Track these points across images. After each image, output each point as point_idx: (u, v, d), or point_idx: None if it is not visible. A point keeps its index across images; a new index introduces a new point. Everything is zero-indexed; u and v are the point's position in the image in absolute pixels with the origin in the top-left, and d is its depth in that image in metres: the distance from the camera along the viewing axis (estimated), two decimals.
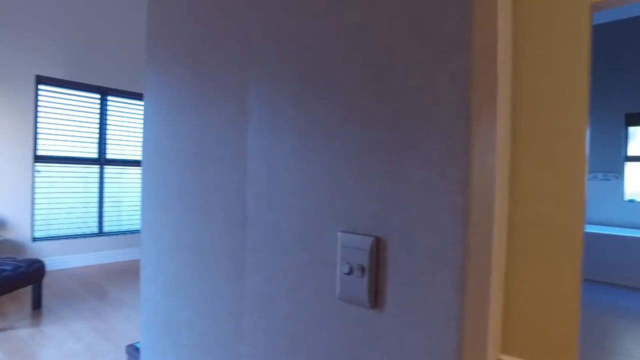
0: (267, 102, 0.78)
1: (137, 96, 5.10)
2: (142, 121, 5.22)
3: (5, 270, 2.92)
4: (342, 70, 0.64)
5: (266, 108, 0.78)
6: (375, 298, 0.58)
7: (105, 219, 4.94)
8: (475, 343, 0.53)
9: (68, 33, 4.47)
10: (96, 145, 4.82)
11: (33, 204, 4.35)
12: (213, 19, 0.98)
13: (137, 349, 1.81)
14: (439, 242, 0.52)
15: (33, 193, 4.35)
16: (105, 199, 4.93)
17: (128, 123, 5.08)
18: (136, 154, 5.18)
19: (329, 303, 0.65)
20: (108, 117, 4.89)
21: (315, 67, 0.68)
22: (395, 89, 0.57)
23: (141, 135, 5.27)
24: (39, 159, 4.39)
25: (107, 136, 4.90)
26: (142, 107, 4.70)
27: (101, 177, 4.87)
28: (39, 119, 4.37)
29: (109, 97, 4.87)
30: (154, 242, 1.34)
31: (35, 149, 4.35)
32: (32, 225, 4.35)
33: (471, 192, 0.50)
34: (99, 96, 4.79)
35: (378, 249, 0.58)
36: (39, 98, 4.36)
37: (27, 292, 3.52)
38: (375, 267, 0.58)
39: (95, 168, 4.83)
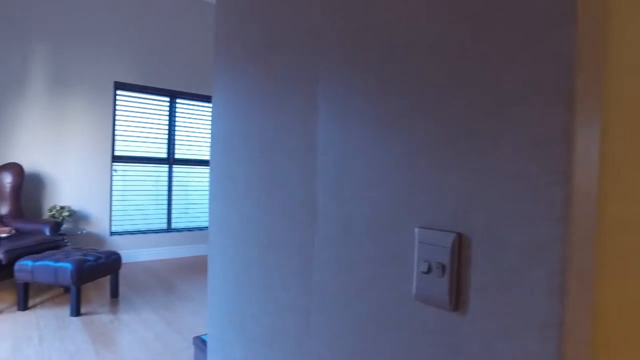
0: (337, 94, 0.76)
1: (204, 98, 5.33)
2: (208, 122, 5.45)
3: (89, 260, 3.16)
4: (416, 55, 0.60)
5: (336, 100, 0.76)
6: (457, 299, 0.54)
7: (173, 216, 5.21)
8: (578, 357, 0.47)
9: (141, 42, 4.77)
10: (165, 146, 5.10)
11: (111, 200, 4.69)
12: (279, 14, 0.98)
13: (203, 341, 1.87)
14: (534, 239, 0.47)
15: (111, 191, 4.68)
16: (174, 197, 5.20)
17: (195, 124, 5.33)
18: (203, 153, 5.42)
19: (404, 303, 0.61)
20: (177, 119, 5.16)
21: (388, 56, 0.65)
22: (482, 71, 0.52)
23: (207, 135, 5.54)
24: (115, 159, 4.72)
25: (176, 137, 5.17)
26: (209, 109, 4.90)
27: (170, 176, 5.15)
28: (116, 122, 4.71)
29: (177, 100, 5.13)
30: (222, 237, 1.37)
31: (113, 150, 4.69)
32: (110, 220, 4.69)
33: (572, 184, 0.44)
34: (168, 99, 5.06)
35: (460, 247, 0.54)
36: (117, 102, 4.69)
37: (105, 281, 3.79)
38: (457, 266, 0.54)
39: (165, 167, 5.11)
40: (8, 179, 3.82)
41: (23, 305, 3.16)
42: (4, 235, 3.44)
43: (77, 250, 3.42)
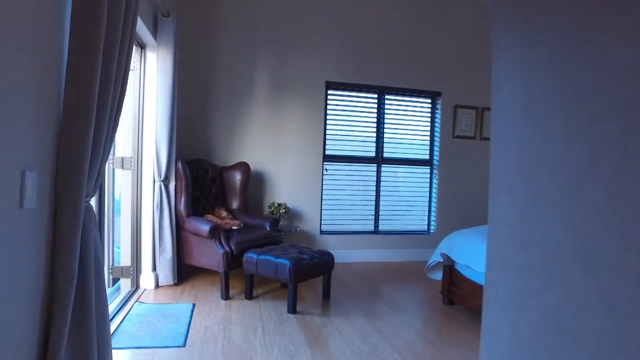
0: None
1: (415, 93, 4.96)
2: (419, 118, 5.04)
3: (305, 259, 3.11)
4: None
5: None
6: None
7: (380, 217, 4.98)
8: None
9: (350, 39, 4.69)
10: (374, 144, 4.91)
11: (321, 199, 4.74)
12: None
13: None
14: None
15: (322, 190, 4.73)
16: (382, 198, 4.97)
17: (405, 121, 5.00)
18: (413, 152, 5.04)
19: None
20: (385, 116, 4.93)
21: None
22: None
23: (418, 132, 5.19)
24: (326, 158, 4.76)
25: (384, 135, 4.94)
26: (420, 104, 4.43)
27: (378, 176, 4.94)
28: (327, 121, 4.74)
29: (386, 96, 4.90)
30: (517, 251, 0.88)
31: (324, 149, 4.74)
32: (320, 219, 4.74)
33: None
34: (376, 95, 4.87)
35: None
36: (328, 102, 4.73)
37: (317, 280, 3.74)
38: None
39: (373, 167, 4.92)
40: (238, 176, 4.18)
41: (249, 295, 3.31)
42: (235, 227, 3.72)
43: (293, 247, 3.44)
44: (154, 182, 3.48)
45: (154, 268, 3.53)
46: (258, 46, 4.47)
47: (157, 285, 3.51)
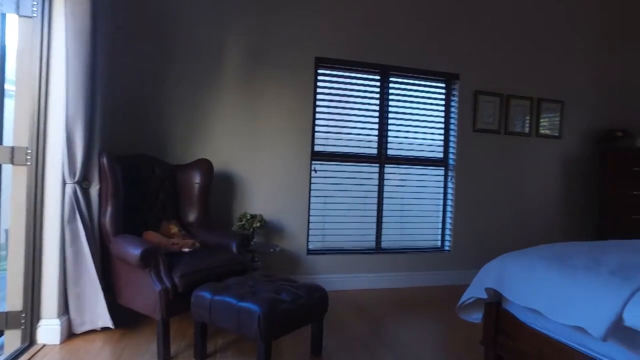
0: None
1: (431, 75, 3.94)
2: (431, 107, 4.01)
3: (284, 301, 2.02)
4: None
5: None
6: None
7: (384, 231, 3.92)
8: None
9: (345, 7, 3.67)
10: (376, 139, 3.87)
11: (309, 208, 3.67)
12: None
13: None
14: None
15: (309, 196, 3.66)
16: (385, 207, 3.92)
17: (413, 109, 3.97)
18: (426, 149, 4.01)
19: None
20: (390, 103, 3.89)
21: None
22: None
23: (430, 126, 4.10)
24: (315, 155, 3.69)
25: (389, 127, 3.90)
26: (431, 89, 3.17)
27: (380, 179, 3.89)
28: (316, 108, 3.69)
29: (390, 78, 3.87)
30: None
31: (313, 144, 3.67)
32: (308, 235, 3.66)
33: None
34: (378, 77, 3.84)
35: None
36: (317, 84, 3.68)
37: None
38: None
39: (374, 168, 3.87)
40: (197, 178, 3.08)
41: (201, 353, 2.21)
42: (187, 249, 2.62)
43: (268, 279, 2.35)
44: (64, 184, 2.37)
45: (65, 310, 2.40)
46: (231, 9, 3.41)
47: (68, 336, 2.38)
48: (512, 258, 2.23)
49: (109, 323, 2.44)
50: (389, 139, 3.90)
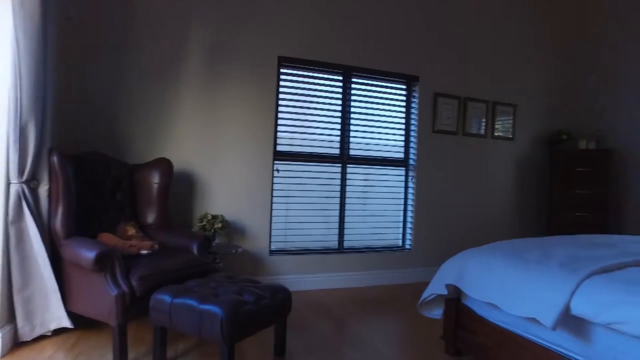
0: None
1: (392, 77, 4.01)
2: (392, 108, 4.09)
3: (247, 302, 1.99)
4: None
5: None
6: None
7: (346, 231, 3.95)
8: None
9: (308, 7, 3.68)
10: (338, 139, 3.89)
11: (272, 209, 3.63)
12: None
13: None
14: None
15: (272, 196, 3.63)
16: (347, 206, 3.95)
17: (375, 110, 4.02)
18: (384, 149, 4.07)
19: None
20: (352, 104, 3.93)
21: None
22: None
23: (391, 127, 4.13)
24: (278, 155, 3.67)
25: (351, 127, 3.93)
26: (392, 90, 3.28)
27: (343, 179, 3.92)
28: (279, 108, 3.67)
29: (353, 79, 3.91)
30: None
31: (275, 144, 3.65)
32: (270, 235, 3.63)
33: None
34: (341, 78, 3.87)
35: None
36: (280, 83, 3.66)
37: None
38: None
39: (337, 168, 3.90)
40: (156, 178, 2.98)
41: (160, 359, 2.13)
42: (145, 251, 2.53)
43: (230, 281, 2.30)
44: (8, 183, 2.22)
45: (9, 319, 2.25)
46: (193, 4, 3.32)
47: (12, 347, 2.24)
48: (471, 255, 2.31)
49: (66, 323, 2.32)
50: (351, 139, 3.94)
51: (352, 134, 3.93)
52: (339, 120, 3.88)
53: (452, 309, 2.38)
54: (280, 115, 3.67)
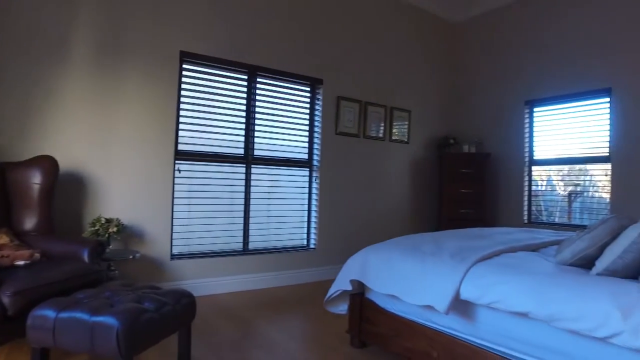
0: None
1: (297, 79, 4.05)
2: (296, 110, 4.13)
3: (147, 310, 1.86)
4: None
5: None
6: None
7: (251, 232, 3.90)
8: None
9: (214, 6, 3.57)
10: (242, 139, 3.83)
11: (173, 211, 3.45)
12: None
13: None
14: None
15: (173, 197, 3.45)
16: (252, 207, 3.90)
17: (279, 111, 4.03)
18: (289, 150, 4.10)
19: None
20: (257, 104, 3.90)
21: None
22: None
23: (296, 128, 4.14)
24: (180, 155, 3.50)
25: (255, 127, 3.90)
26: (297, 92, 3.40)
27: (247, 179, 3.86)
28: (181, 105, 3.49)
29: (258, 79, 3.88)
30: None
31: (176, 142, 3.47)
32: (171, 239, 3.44)
33: None
34: (246, 77, 3.82)
35: None
36: (183, 80, 3.49)
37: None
38: None
39: (241, 168, 3.83)
40: (37, 178, 2.64)
41: None
42: (22, 262, 2.22)
43: (127, 289, 2.13)
44: None
45: None
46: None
47: None
48: (372, 250, 2.43)
49: None
50: (256, 140, 3.91)
51: (256, 134, 3.90)
52: (243, 120, 3.82)
53: (357, 304, 2.49)
54: (182, 113, 3.50)
